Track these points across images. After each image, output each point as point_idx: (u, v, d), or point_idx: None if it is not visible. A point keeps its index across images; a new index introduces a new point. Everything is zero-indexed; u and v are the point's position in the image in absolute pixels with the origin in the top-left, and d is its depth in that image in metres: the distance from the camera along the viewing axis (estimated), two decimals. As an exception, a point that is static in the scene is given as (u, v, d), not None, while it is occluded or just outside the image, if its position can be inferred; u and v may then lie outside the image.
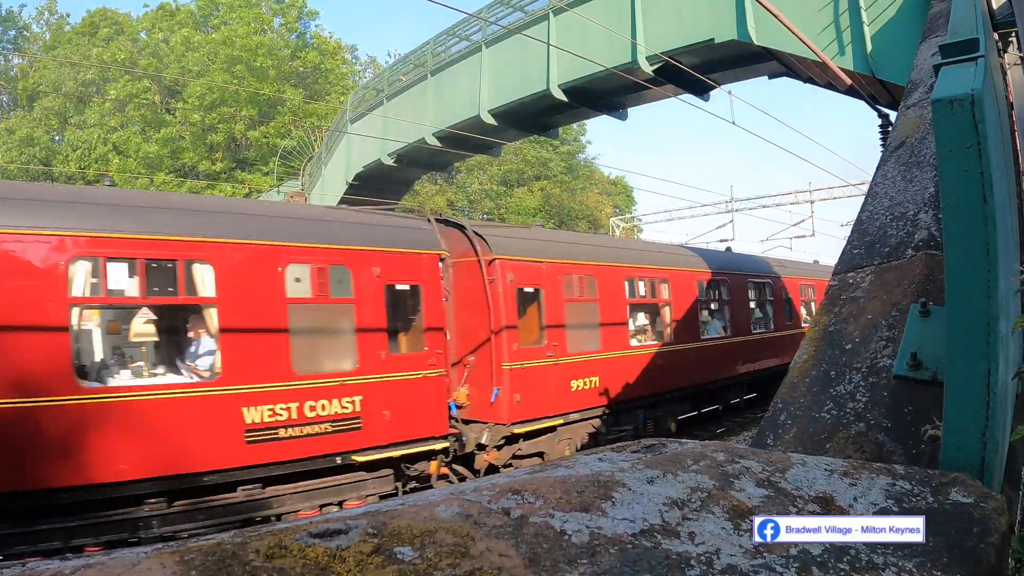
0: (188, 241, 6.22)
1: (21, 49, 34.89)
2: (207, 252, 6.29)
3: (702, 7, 10.92)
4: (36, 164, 27.00)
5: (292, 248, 6.81)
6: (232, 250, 6.43)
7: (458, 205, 36.20)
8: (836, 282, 2.67)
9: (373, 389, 7.16)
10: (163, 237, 6.09)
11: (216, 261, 6.32)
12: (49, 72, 30.55)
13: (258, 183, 28.70)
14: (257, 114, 30.85)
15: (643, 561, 1.12)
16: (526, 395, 8.57)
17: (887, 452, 1.87)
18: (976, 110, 1.32)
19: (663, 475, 1.40)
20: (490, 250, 8.56)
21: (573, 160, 42.30)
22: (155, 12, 35.29)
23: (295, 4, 36.09)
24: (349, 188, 19.59)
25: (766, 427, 2.20)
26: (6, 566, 0.94)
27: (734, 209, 25.66)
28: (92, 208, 5.93)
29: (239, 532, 1.06)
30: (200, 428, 6.09)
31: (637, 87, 12.49)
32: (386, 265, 7.45)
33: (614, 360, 9.95)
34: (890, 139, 3.46)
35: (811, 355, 2.38)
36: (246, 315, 6.44)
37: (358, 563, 0.99)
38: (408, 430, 7.45)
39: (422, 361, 7.72)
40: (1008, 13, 3.70)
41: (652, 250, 12.51)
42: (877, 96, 10.01)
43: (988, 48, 2.00)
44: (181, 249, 6.19)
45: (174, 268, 6.22)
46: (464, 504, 1.19)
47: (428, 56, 16.88)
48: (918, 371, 1.96)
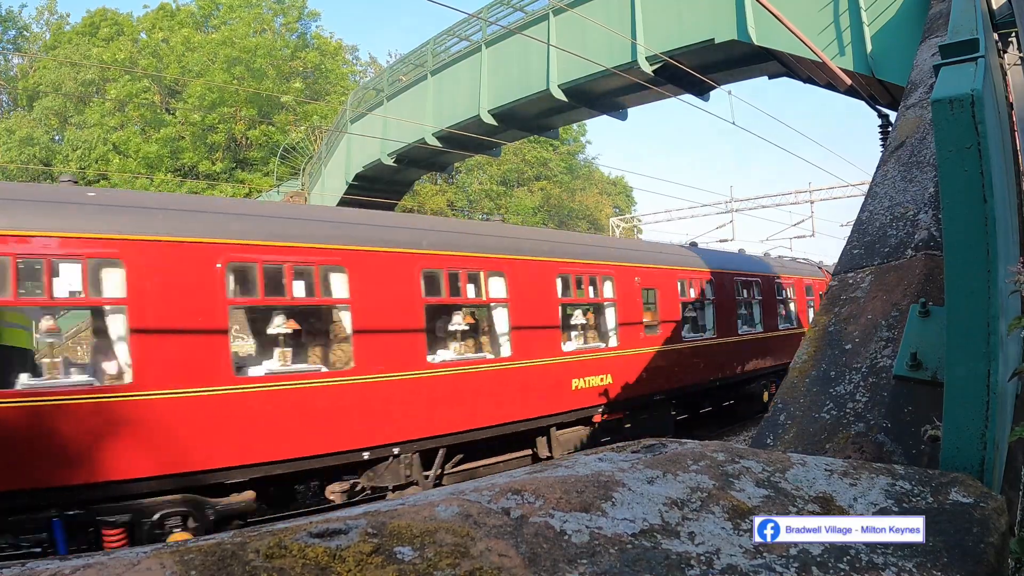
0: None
1: (21, 49, 34.89)
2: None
3: (702, 7, 10.92)
4: (36, 164, 26.99)
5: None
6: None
7: (458, 205, 36.22)
8: (836, 282, 2.67)
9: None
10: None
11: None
12: (49, 72, 30.55)
13: (258, 183, 28.70)
14: (257, 113, 30.85)
15: (643, 561, 1.12)
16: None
17: (887, 452, 1.87)
18: (976, 110, 1.32)
19: (663, 475, 1.40)
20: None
21: (573, 160, 42.33)
22: (155, 12, 35.30)
23: (295, 4, 36.11)
24: (349, 188, 19.60)
25: (766, 427, 2.21)
26: (5, 566, 0.94)
27: (734, 209, 25.66)
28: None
29: (239, 532, 1.06)
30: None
31: (637, 87, 12.50)
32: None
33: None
34: (890, 139, 3.46)
35: (811, 355, 2.38)
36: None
37: (358, 563, 0.98)
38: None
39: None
40: (1008, 13, 3.70)
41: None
42: (877, 96, 10.01)
43: (988, 48, 2.00)
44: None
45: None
46: (464, 504, 1.19)
47: (428, 56, 16.88)
48: (918, 371, 1.96)
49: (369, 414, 6.81)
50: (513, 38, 13.81)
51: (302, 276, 6.67)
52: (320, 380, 6.58)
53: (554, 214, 38.13)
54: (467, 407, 7.68)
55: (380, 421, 6.88)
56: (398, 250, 7.23)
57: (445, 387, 7.45)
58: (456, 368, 7.70)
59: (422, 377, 7.24)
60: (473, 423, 7.74)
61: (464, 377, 7.73)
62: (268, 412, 6.11)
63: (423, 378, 7.24)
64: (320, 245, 6.67)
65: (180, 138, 30.24)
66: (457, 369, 7.70)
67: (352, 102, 21.41)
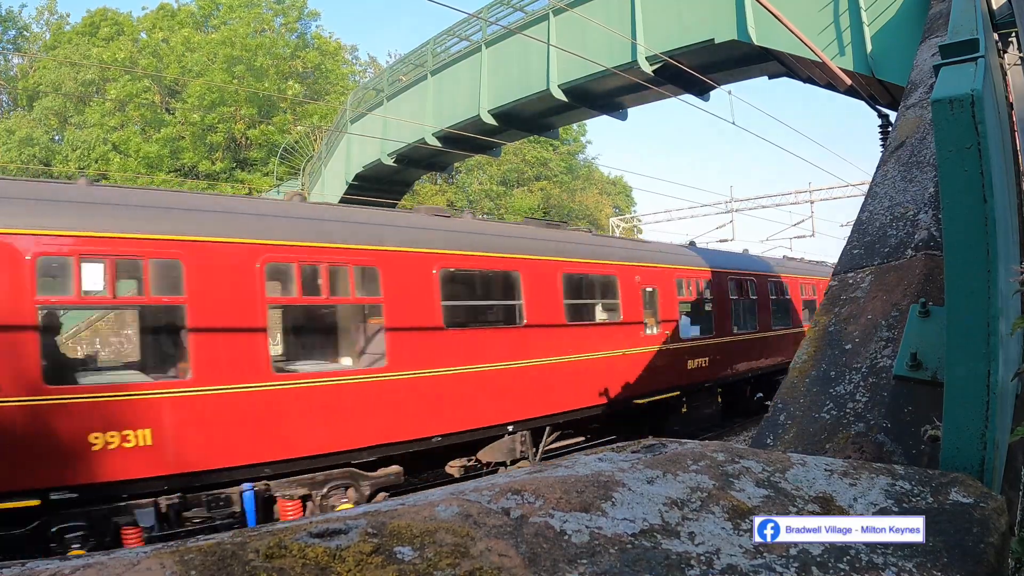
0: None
1: (21, 49, 34.86)
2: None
3: (702, 7, 10.92)
4: (36, 164, 26.97)
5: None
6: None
7: (458, 205, 36.17)
8: (836, 282, 2.67)
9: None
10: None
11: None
12: (49, 72, 30.50)
13: (258, 183, 28.68)
14: (257, 113, 30.83)
15: (643, 561, 1.12)
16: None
17: (887, 452, 1.87)
18: (976, 110, 1.32)
19: (663, 475, 1.40)
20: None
21: (573, 160, 42.30)
22: (155, 12, 35.28)
23: (296, 4, 36.08)
24: (349, 188, 19.60)
25: (766, 427, 2.21)
26: (6, 566, 0.94)
27: (734, 209, 25.66)
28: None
29: (239, 532, 1.06)
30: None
31: (637, 87, 12.49)
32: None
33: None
34: (890, 139, 3.46)
35: (811, 355, 2.38)
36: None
37: (358, 563, 0.98)
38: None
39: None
40: (1008, 13, 3.70)
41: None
42: (877, 96, 10.01)
43: (988, 48, 2.00)
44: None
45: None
46: (464, 504, 1.19)
47: (428, 56, 16.87)
48: (918, 371, 1.96)
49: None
50: (513, 38, 13.80)
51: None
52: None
53: (554, 214, 38.10)
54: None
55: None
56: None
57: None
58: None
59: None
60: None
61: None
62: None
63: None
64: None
65: (180, 138, 30.19)
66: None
67: (352, 102, 21.40)
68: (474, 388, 7.74)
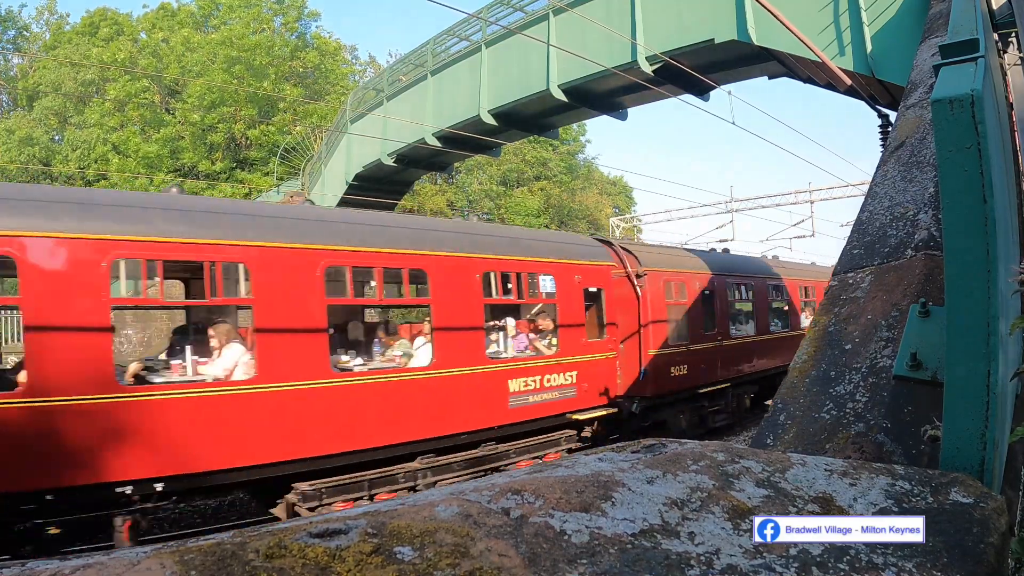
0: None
1: (21, 49, 34.85)
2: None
3: (702, 7, 10.91)
4: (36, 164, 26.97)
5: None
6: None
7: (458, 205, 36.18)
8: (836, 282, 2.67)
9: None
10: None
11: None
12: (49, 72, 30.48)
13: (258, 183, 28.67)
14: (257, 113, 30.82)
15: (643, 561, 1.12)
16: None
17: (887, 452, 1.87)
18: (976, 110, 1.32)
19: (663, 475, 1.40)
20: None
21: (573, 160, 42.29)
22: (155, 12, 35.26)
23: (295, 4, 36.07)
24: (349, 188, 19.59)
25: (766, 427, 2.21)
26: (5, 566, 0.94)
27: (734, 209, 25.65)
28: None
29: (239, 532, 1.06)
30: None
31: (637, 87, 12.49)
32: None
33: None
34: (890, 139, 3.46)
35: (811, 355, 2.38)
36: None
37: (358, 563, 0.98)
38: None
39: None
40: (1008, 13, 3.70)
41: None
42: (877, 96, 10.00)
43: (988, 48, 2.00)
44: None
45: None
46: (464, 504, 1.19)
47: (428, 56, 16.87)
48: (918, 371, 1.96)
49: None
50: (513, 38, 13.80)
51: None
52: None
53: (554, 215, 38.10)
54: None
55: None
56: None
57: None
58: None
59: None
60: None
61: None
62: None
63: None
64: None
65: (180, 138, 30.18)
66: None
67: (352, 102, 21.39)
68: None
